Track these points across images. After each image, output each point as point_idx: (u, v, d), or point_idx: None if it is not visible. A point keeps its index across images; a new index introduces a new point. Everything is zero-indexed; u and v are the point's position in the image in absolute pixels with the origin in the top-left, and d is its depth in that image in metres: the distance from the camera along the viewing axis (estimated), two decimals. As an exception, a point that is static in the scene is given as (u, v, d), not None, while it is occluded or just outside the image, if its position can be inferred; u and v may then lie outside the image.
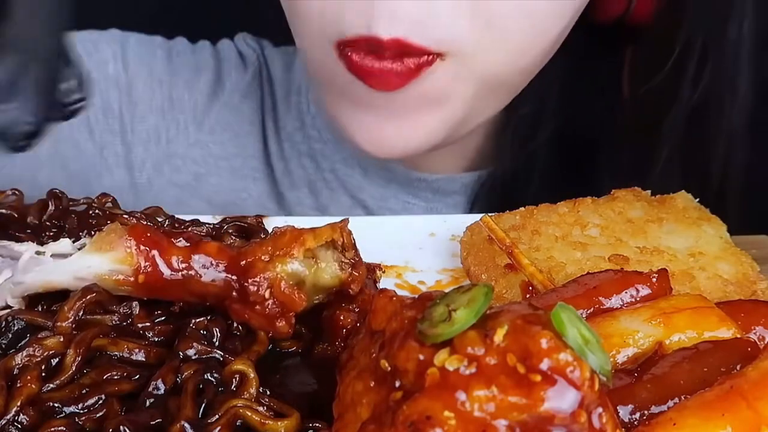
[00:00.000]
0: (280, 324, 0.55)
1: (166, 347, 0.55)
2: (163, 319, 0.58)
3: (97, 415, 0.49)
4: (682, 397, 0.47)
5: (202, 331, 0.55)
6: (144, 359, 0.54)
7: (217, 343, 0.55)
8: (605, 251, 0.68)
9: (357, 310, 0.58)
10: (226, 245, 0.58)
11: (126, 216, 0.67)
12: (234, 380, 0.52)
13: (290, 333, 0.56)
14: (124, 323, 0.56)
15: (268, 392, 0.52)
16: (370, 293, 0.60)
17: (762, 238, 0.77)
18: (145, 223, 0.58)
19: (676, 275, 0.64)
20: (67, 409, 0.50)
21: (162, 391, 0.51)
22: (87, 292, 0.55)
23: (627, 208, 0.74)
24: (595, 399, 0.39)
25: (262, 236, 0.70)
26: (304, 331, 0.60)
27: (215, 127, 1.04)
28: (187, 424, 0.48)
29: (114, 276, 0.56)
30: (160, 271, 0.56)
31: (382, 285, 0.66)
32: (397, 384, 0.42)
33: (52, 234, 0.67)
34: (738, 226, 0.73)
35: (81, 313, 0.55)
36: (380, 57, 0.75)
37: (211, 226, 0.70)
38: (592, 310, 0.55)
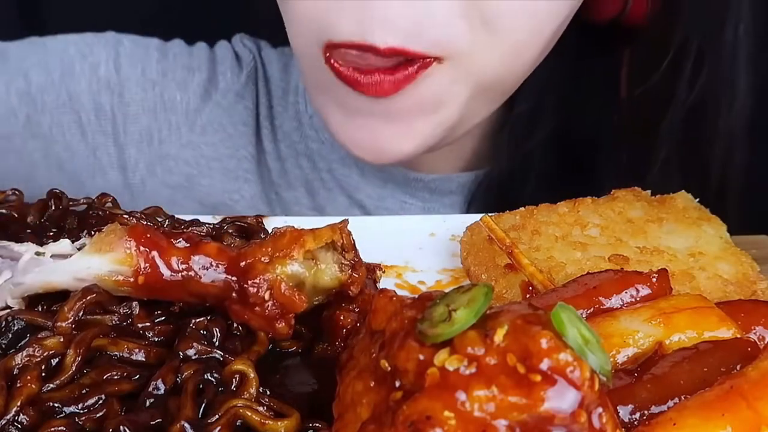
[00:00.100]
0: (280, 325, 0.55)
1: (166, 347, 0.55)
2: (163, 319, 0.58)
3: (97, 415, 0.49)
4: (682, 397, 0.47)
5: (202, 331, 0.55)
6: (144, 359, 0.54)
7: (217, 343, 0.55)
8: (605, 251, 0.68)
9: (357, 310, 0.58)
10: (226, 246, 0.58)
11: (126, 216, 0.67)
12: (234, 380, 0.52)
13: (290, 334, 0.56)
14: (124, 323, 0.56)
15: (268, 392, 0.52)
16: (370, 293, 0.60)
17: (762, 238, 0.77)
18: (144, 224, 0.58)
19: (676, 275, 0.64)
20: (67, 409, 0.50)
21: (162, 391, 0.51)
22: (87, 293, 0.55)
23: (627, 208, 0.74)
24: (595, 399, 0.39)
25: (262, 236, 0.70)
26: (304, 331, 0.60)
27: (207, 128, 1.03)
28: (187, 424, 0.47)
29: (114, 277, 0.56)
30: (159, 272, 0.56)
31: (382, 285, 0.66)
32: (397, 384, 0.42)
33: (52, 234, 0.67)
34: (738, 226, 0.73)
35: (81, 313, 0.55)
36: (368, 71, 0.74)
37: (211, 226, 0.70)
38: (592, 310, 0.55)
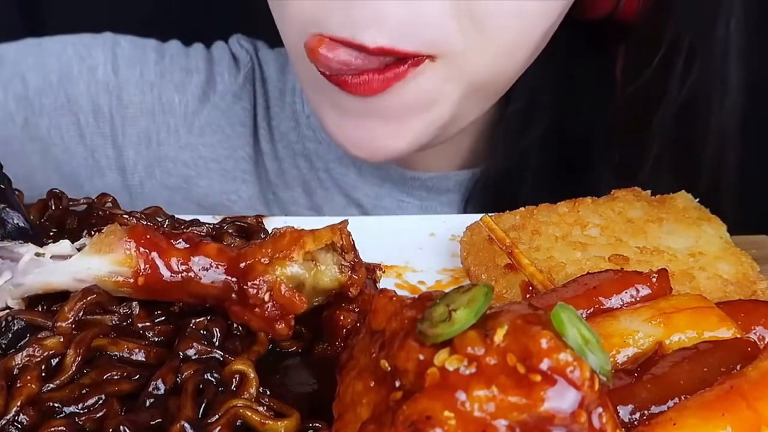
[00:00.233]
0: (280, 326, 0.55)
1: (166, 347, 0.55)
2: (163, 319, 0.58)
3: (97, 415, 0.49)
4: (682, 397, 0.47)
5: (202, 331, 0.55)
6: (144, 359, 0.54)
7: (217, 343, 0.55)
8: (605, 251, 0.68)
9: (357, 310, 0.58)
10: (226, 246, 0.58)
11: (126, 216, 0.67)
12: (234, 380, 0.52)
13: (290, 335, 0.56)
14: (124, 323, 0.56)
15: (268, 392, 0.52)
16: (370, 293, 0.60)
17: (762, 238, 0.77)
18: (144, 225, 0.58)
19: (676, 275, 0.64)
20: (67, 409, 0.50)
21: (162, 391, 0.51)
22: (87, 293, 0.55)
23: (627, 208, 0.74)
24: (595, 399, 0.39)
25: (262, 236, 0.70)
26: (304, 331, 0.60)
27: (205, 129, 1.03)
28: (187, 424, 0.47)
29: (113, 278, 0.56)
30: (159, 273, 0.56)
31: (382, 285, 0.66)
32: (397, 384, 0.42)
33: (52, 234, 0.67)
34: (735, 225, 0.73)
35: (81, 313, 0.55)
36: (359, 72, 0.74)
37: (211, 226, 0.70)
38: (592, 310, 0.55)
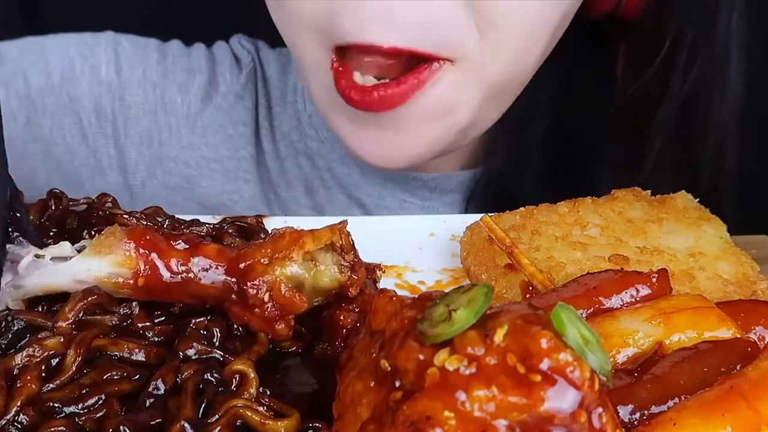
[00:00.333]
0: (280, 326, 0.55)
1: (166, 347, 0.55)
2: (163, 319, 0.58)
3: (97, 415, 0.49)
4: (682, 397, 0.47)
5: (202, 331, 0.55)
6: (144, 359, 0.54)
7: (217, 343, 0.55)
8: (605, 251, 0.68)
9: (357, 310, 0.58)
10: (226, 247, 0.58)
11: (126, 216, 0.67)
12: (234, 380, 0.52)
13: (290, 335, 0.56)
14: (124, 323, 0.56)
15: (268, 392, 0.52)
16: (370, 293, 0.60)
17: (762, 238, 0.77)
18: (144, 225, 0.58)
19: (676, 275, 0.64)
20: (67, 409, 0.50)
21: (162, 391, 0.51)
22: (88, 294, 0.55)
23: (627, 208, 0.74)
24: (595, 399, 0.39)
25: (262, 236, 0.70)
26: (304, 331, 0.60)
27: (208, 130, 1.03)
28: (187, 424, 0.47)
29: (114, 279, 0.56)
30: (159, 274, 0.56)
31: (382, 285, 0.66)
32: (397, 384, 0.42)
33: (52, 234, 0.67)
34: (733, 225, 0.73)
35: (81, 313, 0.55)
36: (367, 91, 0.75)
37: (211, 226, 0.70)
38: (592, 310, 0.55)
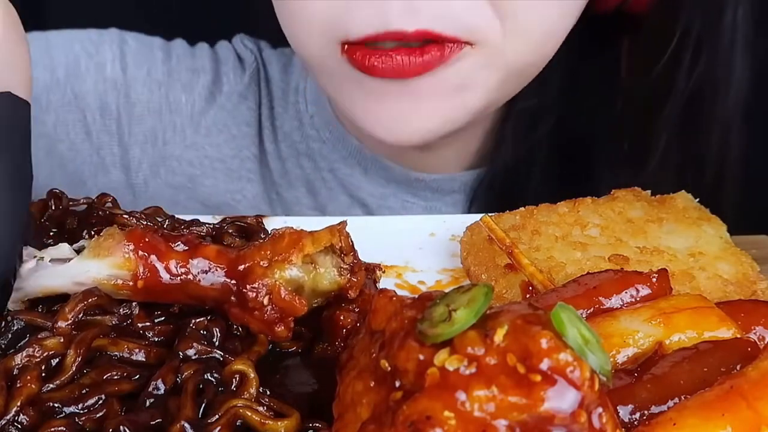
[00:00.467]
0: (279, 329, 0.55)
1: (166, 347, 0.55)
2: (163, 319, 0.58)
3: (97, 415, 0.49)
4: (682, 397, 0.47)
5: (202, 331, 0.55)
6: (144, 359, 0.54)
7: (217, 343, 0.55)
8: (605, 251, 0.68)
9: (357, 310, 0.58)
10: (225, 248, 0.58)
11: (126, 216, 0.67)
12: (234, 380, 0.52)
13: (289, 337, 0.56)
14: (124, 323, 0.56)
15: (268, 392, 0.52)
16: (370, 293, 0.60)
17: (762, 238, 0.77)
18: (144, 226, 0.58)
19: (676, 275, 0.64)
20: (67, 409, 0.50)
21: (162, 391, 0.51)
22: (88, 295, 0.55)
23: (627, 208, 0.74)
24: (595, 399, 0.39)
25: (262, 236, 0.70)
26: (304, 331, 0.59)
27: (212, 129, 1.03)
28: (187, 424, 0.47)
29: (113, 281, 0.56)
30: (158, 276, 0.56)
31: (382, 285, 0.66)
32: (397, 384, 0.42)
33: (52, 234, 0.67)
34: (733, 225, 0.73)
35: (81, 314, 0.55)
36: (389, 54, 0.75)
37: (211, 226, 0.70)
38: (592, 310, 0.55)
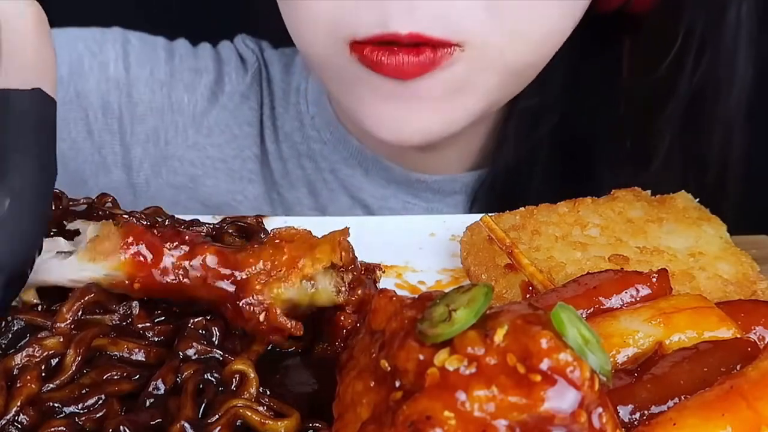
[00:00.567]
0: (274, 337, 0.56)
1: (166, 347, 0.55)
2: (163, 319, 0.58)
3: (97, 415, 0.49)
4: (682, 397, 0.47)
5: (201, 331, 0.55)
6: (144, 359, 0.54)
7: (217, 343, 0.55)
8: (605, 251, 0.68)
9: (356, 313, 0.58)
10: (223, 251, 0.57)
11: (126, 216, 0.67)
12: (234, 380, 0.52)
13: (285, 342, 0.56)
14: (123, 323, 0.56)
15: (268, 392, 0.52)
16: (370, 293, 0.60)
17: (762, 238, 0.77)
18: (141, 227, 0.57)
19: (676, 275, 0.64)
20: (67, 409, 0.50)
21: (162, 391, 0.51)
22: (86, 292, 0.55)
23: (627, 208, 0.74)
24: (595, 399, 0.39)
25: (262, 236, 0.70)
26: (304, 331, 0.59)
27: (213, 129, 1.04)
28: (187, 424, 0.47)
29: (110, 280, 0.56)
30: (155, 279, 0.56)
31: (382, 285, 0.66)
32: (397, 384, 0.42)
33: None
34: (733, 225, 0.73)
35: (80, 313, 0.55)
36: (394, 51, 0.75)
37: (211, 226, 0.70)
38: (592, 310, 0.55)
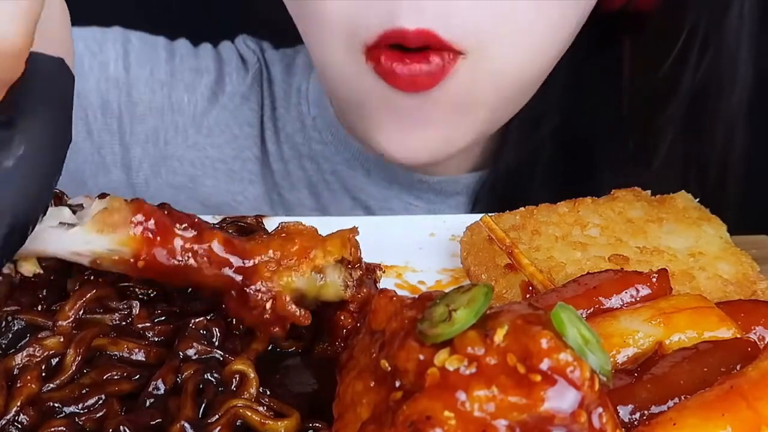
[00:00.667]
0: (275, 330, 0.55)
1: (166, 347, 0.55)
2: (163, 319, 0.58)
3: (97, 415, 0.49)
4: (682, 397, 0.47)
5: (202, 331, 0.55)
6: (144, 359, 0.54)
7: (217, 343, 0.55)
8: (605, 251, 0.68)
9: (356, 312, 0.58)
10: (232, 238, 0.56)
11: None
12: (234, 380, 0.52)
13: (284, 337, 0.56)
14: (123, 323, 0.56)
15: (268, 392, 0.52)
16: (370, 293, 0.60)
17: (762, 238, 0.77)
18: (151, 206, 0.56)
19: (676, 275, 0.64)
20: (67, 409, 0.50)
21: (162, 391, 0.51)
22: (86, 291, 0.55)
23: (627, 208, 0.74)
24: (595, 399, 0.39)
25: (263, 236, 0.70)
26: (304, 331, 0.59)
27: (213, 130, 1.03)
28: (187, 424, 0.48)
29: (113, 256, 0.54)
30: (161, 259, 0.54)
31: (382, 285, 0.66)
32: (397, 384, 0.42)
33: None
34: (733, 225, 0.73)
35: (81, 312, 0.55)
36: (405, 62, 0.76)
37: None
38: (592, 310, 0.55)
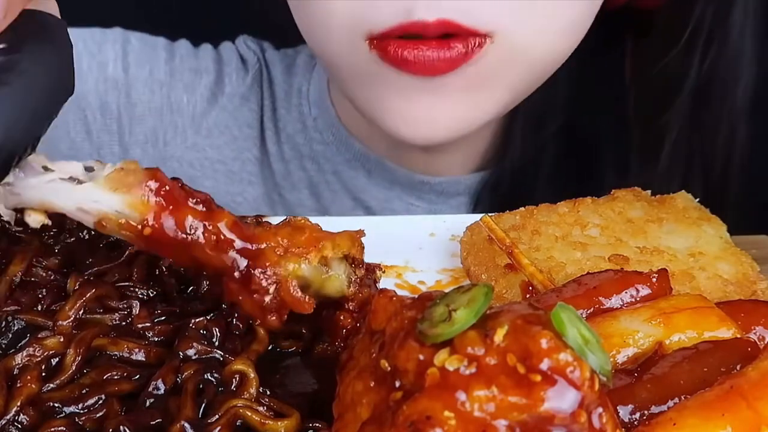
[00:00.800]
0: (272, 318, 0.54)
1: (166, 347, 0.55)
2: (163, 319, 0.58)
3: (97, 415, 0.49)
4: (682, 397, 0.47)
5: (202, 331, 0.55)
6: (144, 359, 0.54)
7: (217, 343, 0.55)
8: (605, 251, 0.68)
9: (356, 312, 0.58)
10: (242, 220, 0.55)
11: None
12: (234, 380, 0.52)
13: (280, 327, 0.55)
14: (123, 323, 0.56)
15: (268, 392, 0.52)
16: (370, 293, 0.60)
17: (762, 238, 0.77)
18: (164, 175, 0.54)
19: (676, 275, 0.64)
20: (67, 409, 0.50)
21: (162, 391, 0.51)
22: (86, 291, 0.55)
23: (627, 208, 0.74)
24: (595, 399, 0.39)
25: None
26: (304, 331, 0.59)
27: (213, 131, 1.03)
28: (187, 424, 0.48)
29: (120, 218, 0.52)
30: (169, 229, 0.53)
31: (382, 285, 0.66)
32: (397, 384, 0.42)
33: (52, 234, 0.67)
34: (733, 225, 0.73)
35: (81, 312, 0.55)
36: (420, 46, 0.75)
37: (211, 226, 0.70)
38: (592, 310, 0.55)
